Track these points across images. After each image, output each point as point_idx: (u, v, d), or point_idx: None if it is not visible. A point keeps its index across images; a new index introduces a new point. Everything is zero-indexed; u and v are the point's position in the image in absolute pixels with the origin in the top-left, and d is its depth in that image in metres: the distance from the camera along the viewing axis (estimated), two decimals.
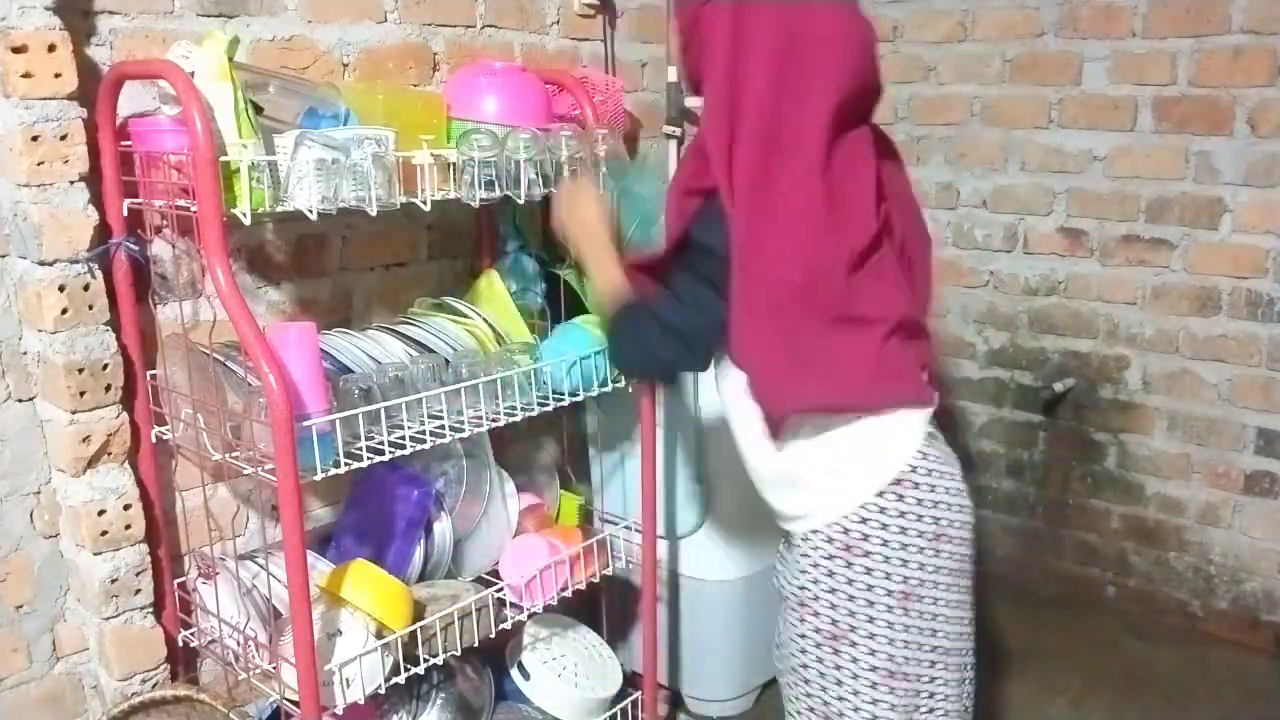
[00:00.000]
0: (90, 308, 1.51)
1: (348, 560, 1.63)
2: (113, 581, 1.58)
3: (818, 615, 1.40)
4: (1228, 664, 2.64)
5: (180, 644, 1.69)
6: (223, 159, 1.34)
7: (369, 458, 1.49)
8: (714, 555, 2.25)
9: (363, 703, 1.54)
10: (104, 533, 1.57)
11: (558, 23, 2.24)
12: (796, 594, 1.44)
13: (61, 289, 1.48)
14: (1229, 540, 2.73)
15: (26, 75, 1.40)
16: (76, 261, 1.49)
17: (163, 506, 1.67)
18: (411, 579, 1.77)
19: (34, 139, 1.42)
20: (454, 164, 1.64)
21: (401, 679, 1.60)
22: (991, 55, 2.91)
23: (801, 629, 1.43)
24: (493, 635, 1.77)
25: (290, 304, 1.85)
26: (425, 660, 1.64)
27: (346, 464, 1.46)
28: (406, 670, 1.61)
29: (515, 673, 1.98)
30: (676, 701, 2.40)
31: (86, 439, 1.54)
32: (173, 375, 1.59)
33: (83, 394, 1.51)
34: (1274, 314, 2.58)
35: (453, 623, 1.68)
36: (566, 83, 1.98)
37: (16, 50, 1.39)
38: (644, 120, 2.44)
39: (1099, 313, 2.85)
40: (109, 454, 1.57)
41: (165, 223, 1.49)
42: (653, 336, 1.44)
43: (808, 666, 1.44)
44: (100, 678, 1.67)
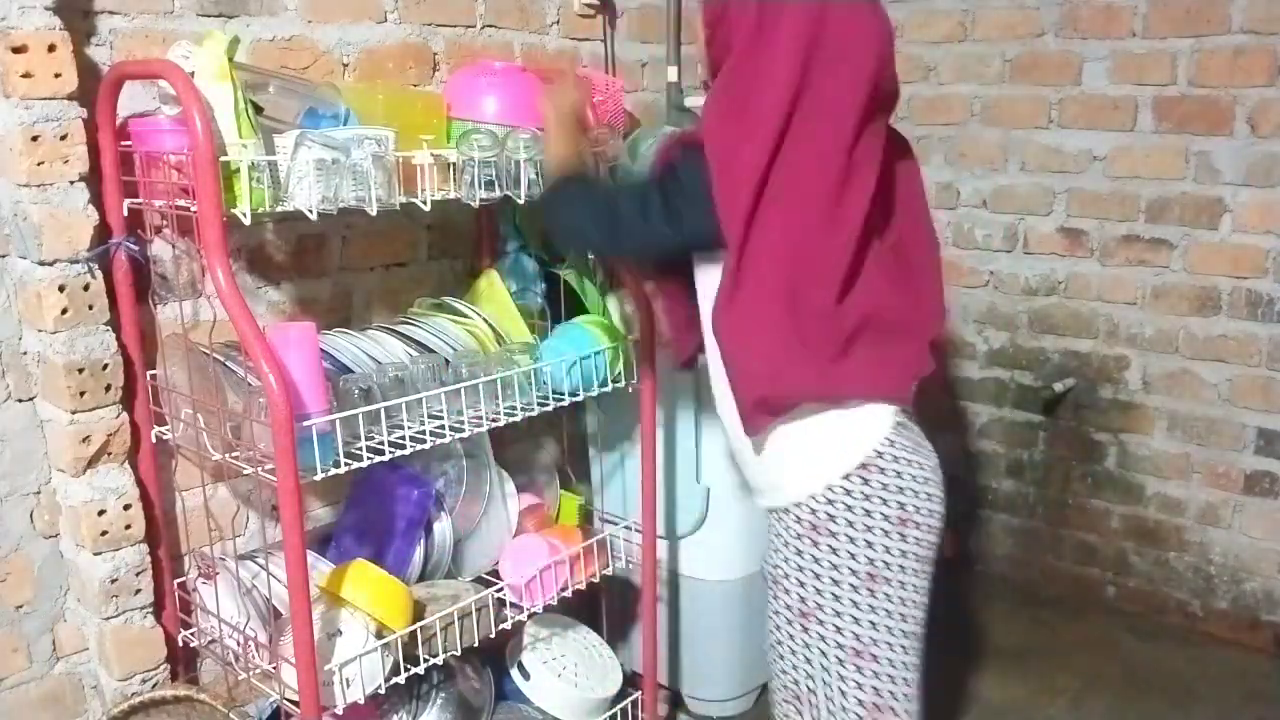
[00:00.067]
0: (90, 308, 1.51)
1: (348, 560, 1.63)
2: (113, 581, 1.58)
3: (788, 593, 1.46)
4: (1228, 664, 2.64)
5: (180, 644, 1.69)
6: (223, 159, 1.34)
7: (369, 458, 1.49)
8: (714, 555, 2.25)
9: (363, 703, 1.54)
10: (104, 533, 1.57)
11: (558, 23, 2.24)
12: (770, 572, 1.50)
13: (61, 289, 1.48)
14: (1229, 540, 2.73)
15: (26, 75, 1.40)
16: (76, 261, 1.49)
17: (163, 506, 1.67)
18: (411, 579, 1.77)
19: (34, 139, 1.42)
20: (454, 164, 1.64)
21: (401, 679, 1.60)
22: (991, 55, 2.91)
23: (775, 605, 1.49)
24: (493, 635, 1.77)
25: (290, 304, 1.85)
26: (425, 660, 1.64)
27: (346, 464, 1.46)
28: (406, 670, 1.61)
29: (515, 673, 1.98)
30: (676, 701, 2.40)
31: (86, 439, 1.54)
32: (173, 375, 1.59)
33: (83, 394, 1.52)
34: (1274, 314, 2.57)
35: (453, 623, 1.68)
36: None
37: (16, 50, 1.39)
38: (644, 120, 2.43)
39: (1099, 313, 2.85)
40: (109, 454, 1.57)
41: (165, 223, 1.50)
42: (591, 209, 1.51)
43: (781, 643, 1.50)
44: (100, 678, 1.67)
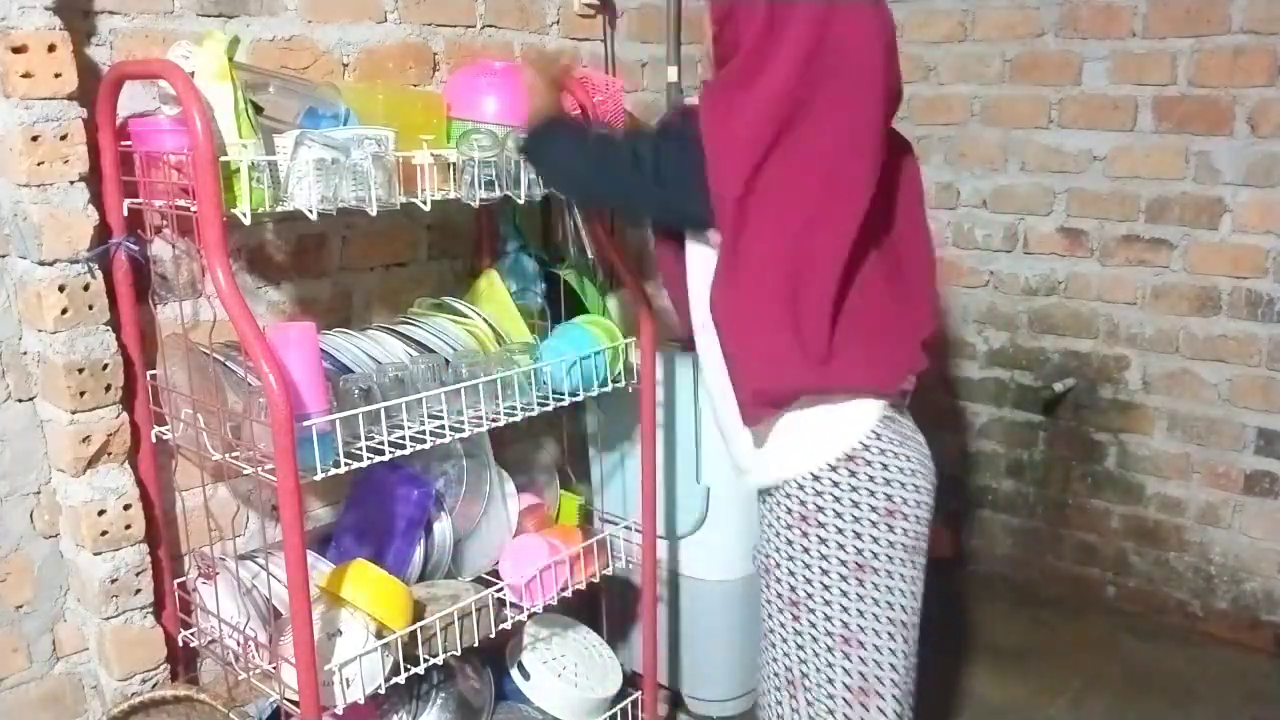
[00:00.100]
0: (90, 308, 1.51)
1: (348, 560, 1.63)
2: (113, 581, 1.58)
3: (779, 582, 1.50)
4: (1228, 664, 2.64)
5: (180, 644, 1.69)
6: (223, 159, 1.34)
7: (369, 458, 1.49)
8: (714, 555, 2.25)
9: (363, 703, 1.54)
10: (104, 533, 1.57)
11: (558, 23, 2.24)
12: (763, 562, 1.54)
13: (61, 289, 1.48)
14: (1229, 540, 2.73)
15: (26, 75, 1.40)
16: (76, 261, 1.48)
17: (163, 506, 1.67)
18: (411, 579, 1.77)
19: (34, 139, 1.42)
20: (454, 164, 1.64)
21: (401, 679, 1.60)
22: (991, 55, 2.91)
23: (767, 594, 1.54)
24: (493, 635, 1.77)
25: (290, 304, 1.85)
26: (425, 660, 1.64)
27: (346, 464, 1.46)
28: (406, 670, 1.61)
29: (515, 673, 1.98)
30: (676, 701, 2.40)
31: (86, 439, 1.54)
32: (173, 375, 1.59)
33: (83, 394, 1.51)
34: (1274, 314, 2.58)
35: (453, 623, 1.68)
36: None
37: (16, 50, 1.39)
38: (644, 120, 2.43)
39: (1099, 313, 2.85)
40: (109, 454, 1.57)
41: (165, 223, 1.49)
42: (578, 145, 1.57)
43: (773, 631, 1.54)
44: (100, 678, 1.67)
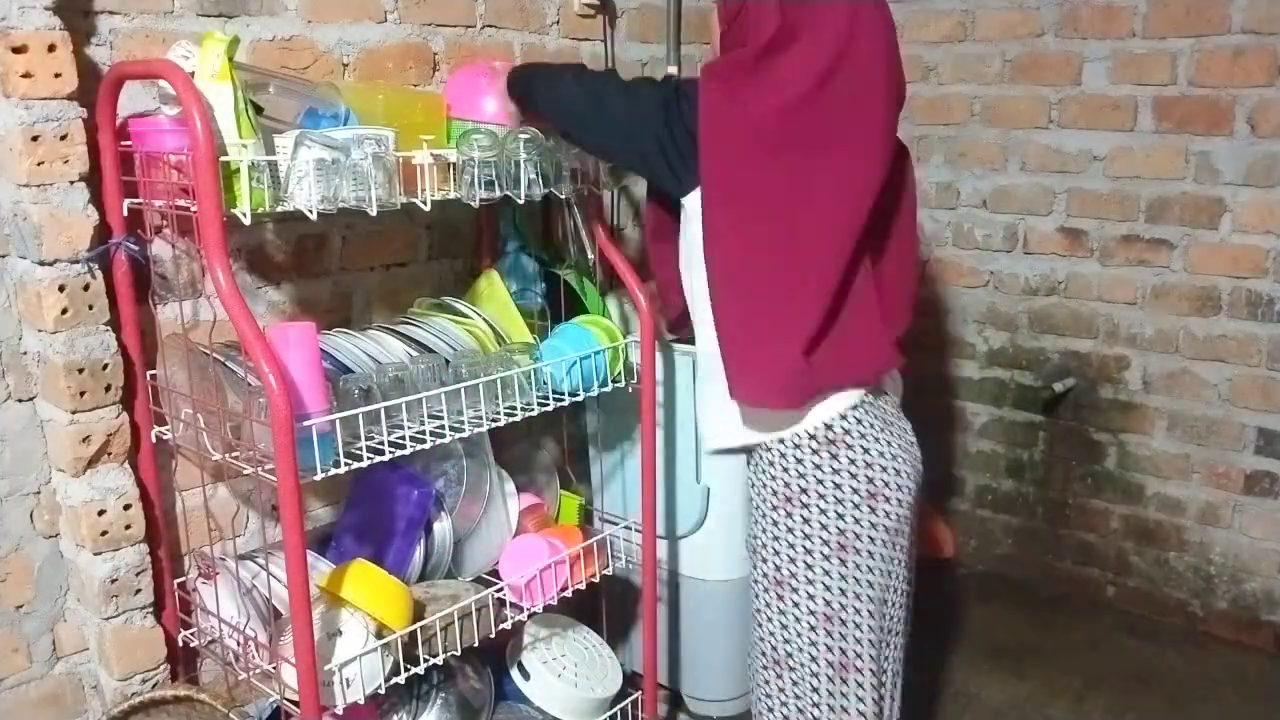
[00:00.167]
0: (90, 308, 1.51)
1: (348, 560, 1.63)
2: (113, 581, 1.58)
3: (765, 562, 1.57)
4: (1228, 664, 2.64)
5: (180, 644, 1.69)
6: (223, 159, 1.33)
7: (369, 458, 1.49)
8: (714, 555, 2.25)
9: (363, 703, 1.54)
10: (104, 533, 1.57)
11: (558, 23, 2.24)
12: (750, 543, 1.61)
13: (61, 289, 1.48)
14: (1229, 540, 2.73)
15: (26, 75, 1.40)
16: (76, 261, 1.48)
17: (163, 506, 1.67)
18: (411, 579, 1.77)
19: (34, 139, 1.42)
20: (454, 164, 1.64)
21: (401, 679, 1.60)
22: (991, 55, 2.91)
23: (755, 575, 1.60)
24: (493, 635, 1.77)
25: (290, 304, 1.85)
26: (425, 660, 1.64)
27: (346, 464, 1.46)
28: (406, 670, 1.61)
29: (515, 673, 1.98)
30: (676, 701, 2.40)
31: (86, 439, 1.54)
32: (173, 375, 1.59)
33: (83, 394, 1.51)
34: (1274, 314, 2.58)
35: (453, 623, 1.68)
36: None
37: (16, 50, 1.39)
38: None
39: (1099, 313, 2.85)
40: (109, 454, 1.57)
41: (165, 223, 1.49)
42: (574, 75, 1.64)
43: (760, 611, 1.60)
44: (100, 678, 1.67)
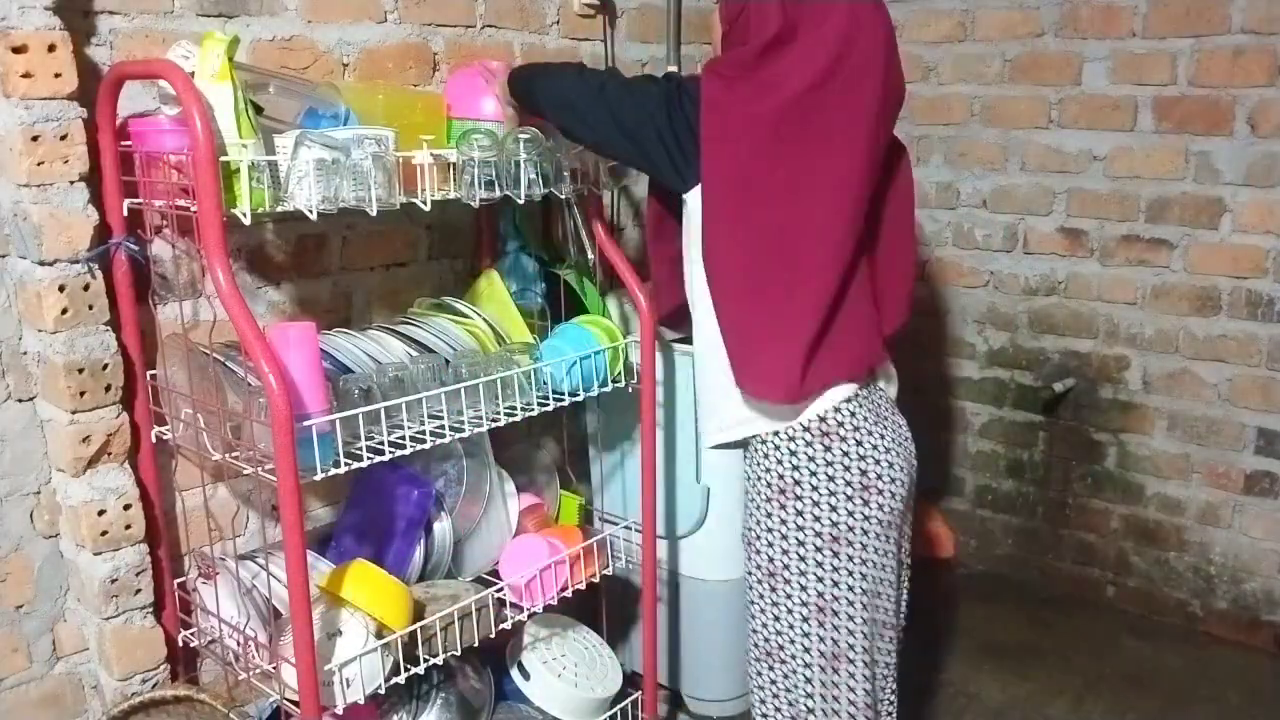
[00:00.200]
0: (90, 308, 1.51)
1: (348, 560, 1.63)
2: (113, 581, 1.58)
3: (759, 553, 1.59)
4: (1228, 664, 2.64)
5: (180, 644, 1.69)
6: (223, 159, 1.33)
7: (369, 458, 1.49)
8: (714, 555, 2.25)
9: (363, 703, 1.54)
10: (104, 533, 1.57)
11: (558, 23, 2.24)
12: (745, 535, 1.63)
13: (61, 289, 1.48)
14: (1229, 540, 2.73)
15: (26, 75, 1.40)
16: (76, 261, 1.48)
17: (163, 506, 1.67)
18: (411, 579, 1.77)
19: (34, 139, 1.42)
20: (454, 164, 1.64)
21: (401, 679, 1.60)
22: (991, 55, 2.91)
23: (749, 566, 1.62)
24: (493, 635, 1.77)
25: (290, 304, 1.85)
26: (425, 660, 1.64)
27: (346, 464, 1.46)
28: (406, 670, 1.61)
29: (515, 673, 1.98)
30: (676, 701, 2.40)
31: (86, 439, 1.54)
32: (173, 375, 1.59)
33: (83, 394, 1.51)
34: (1274, 314, 2.58)
35: (453, 623, 1.68)
36: None
37: (16, 50, 1.39)
38: None
39: (1099, 313, 2.85)
40: (109, 454, 1.57)
41: (165, 223, 1.49)
42: (574, 69, 1.67)
43: (753, 602, 1.62)
44: (100, 678, 1.67)
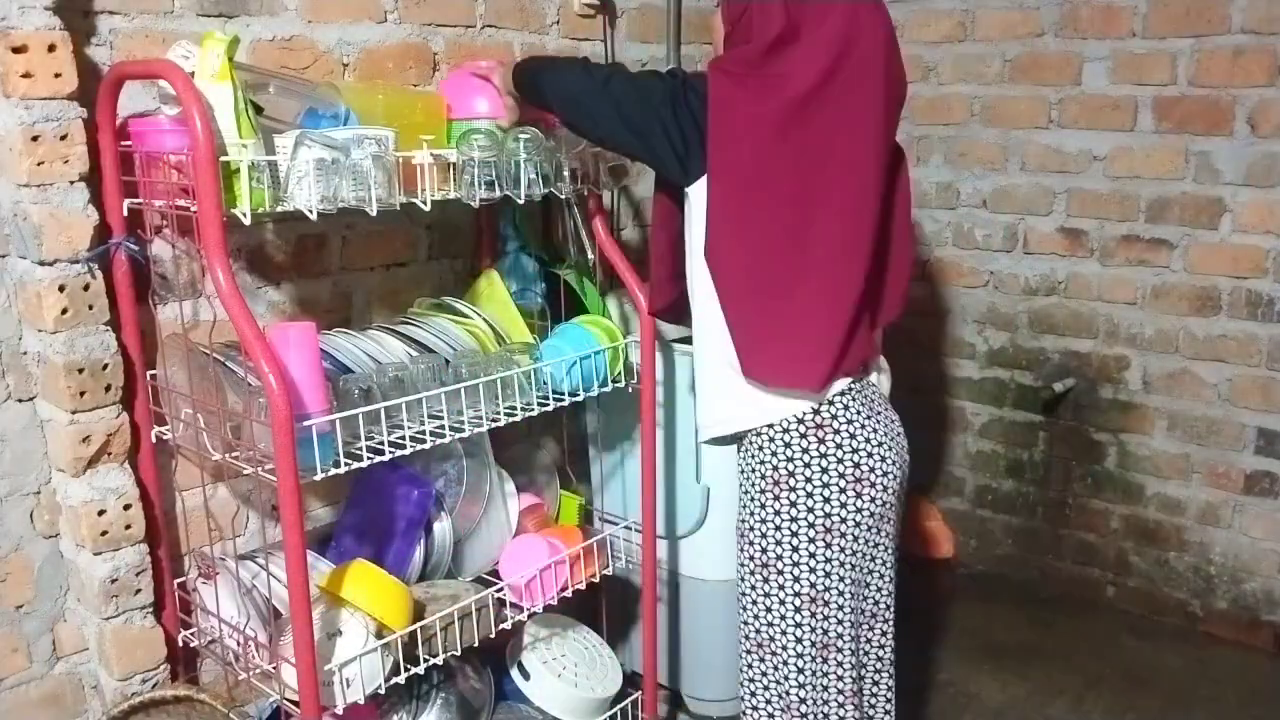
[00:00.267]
0: (90, 308, 1.51)
1: (348, 560, 1.63)
2: (113, 581, 1.58)
3: (752, 545, 1.59)
4: (1228, 664, 2.64)
5: (180, 644, 1.69)
6: (223, 159, 1.34)
7: (369, 458, 1.49)
8: (714, 555, 2.25)
9: (363, 703, 1.54)
10: (104, 533, 1.57)
11: (558, 23, 2.24)
12: (738, 526, 1.63)
13: (61, 289, 1.48)
14: (1229, 540, 2.73)
15: (26, 75, 1.40)
16: (76, 261, 1.48)
17: (163, 506, 1.67)
18: (411, 579, 1.77)
19: (34, 139, 1.42)
20: (454, 164, 1.64)
21: (401, 679, 1.60)
22: (991, 55, 2.91)
23: (741, 558, 1.62)
24: (493, 635, 1.77)
25: (290, 304, 1.85)
26: (425, 660, 1.64)
27: (346, 464, 1.46)
28: (406, 670, 1.61)
29: (515, 673, 1.98)
30: (676, 701, 2.40)
31: (86, 439, 1.54)
32: (173, 375, 1.59)
33: (83, 394, 1.51)
34: (1274, 314, 2.58)
35: (453, 623, 1.68)
36: None
37: (16, 50, 1.39)
38: None
39: (1099, 313, 2.85)
40: (109, 454, 1.57)
41: (165, 223, 1.49)
42: (579, 63, 1.64)
43: (745, 594, 1.62)
44: (100, 678, 1.67)
